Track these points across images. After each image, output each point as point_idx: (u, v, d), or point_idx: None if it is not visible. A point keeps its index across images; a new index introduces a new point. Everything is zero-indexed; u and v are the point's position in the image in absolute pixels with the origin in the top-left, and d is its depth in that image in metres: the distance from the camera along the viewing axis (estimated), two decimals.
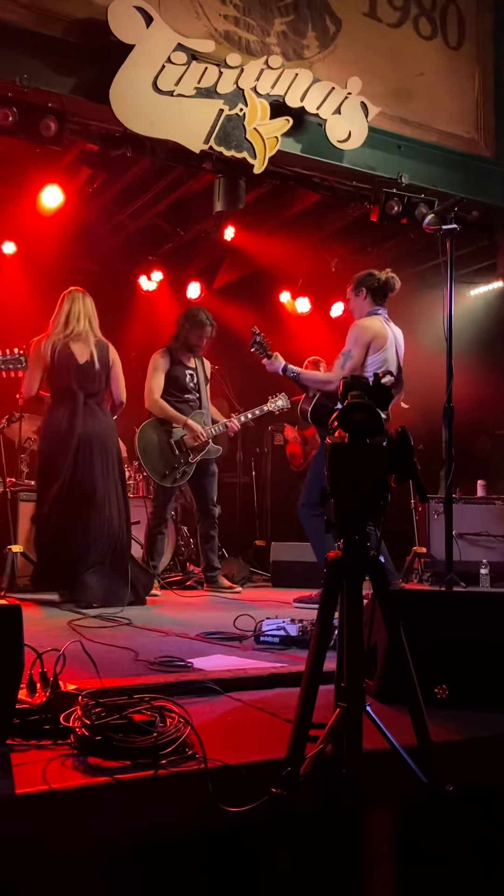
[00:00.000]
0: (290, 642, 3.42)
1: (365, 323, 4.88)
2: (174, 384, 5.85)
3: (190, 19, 5.26)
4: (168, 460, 5.74)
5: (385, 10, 6.13)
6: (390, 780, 1.94)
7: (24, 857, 1.64)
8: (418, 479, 1.85)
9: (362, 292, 4.98)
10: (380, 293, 4.96)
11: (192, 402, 5.90)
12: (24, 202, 6.87)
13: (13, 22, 4.69)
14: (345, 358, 4.81)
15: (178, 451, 5.75)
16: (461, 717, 2.35)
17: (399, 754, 1.81)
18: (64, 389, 4.97)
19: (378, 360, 4.78)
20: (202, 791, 1.78)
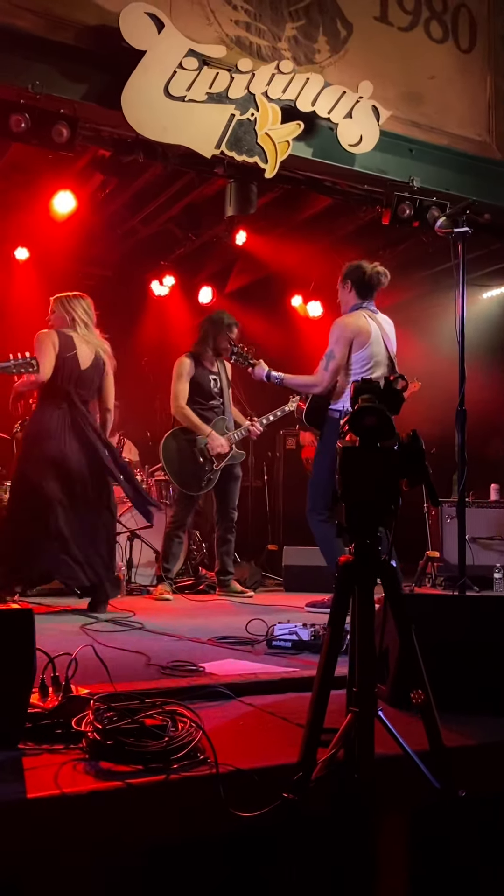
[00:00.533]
0: (302, 647, 3.41)
1: (345, 321, 4.79)
2: (199, 390, 5.86)
3: (201, 25, 5.28)
4: (193, 468, 5.76)
5: (396, 14, 6.13)
6: (403, 786, 1.93)
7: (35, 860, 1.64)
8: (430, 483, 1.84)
9: (348, 284, 4.89)
10: (365, 287, 4.84)
11: (216, 407, 5.92)
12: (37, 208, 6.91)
13: (26, 29, 4.71)
14: (328, 359, 4.73)
15: (203, 459, 5.77)
16: (475, 722, 2.34)
17: (411, 759, 1.80)
18: (59, 391, 4.84)
19: (363, 356, 4.71)
20: (214, 796, 1.78)
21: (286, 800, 1.72)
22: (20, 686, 2.00)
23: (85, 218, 7.26)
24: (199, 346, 5.93)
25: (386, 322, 4.89)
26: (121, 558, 6.22)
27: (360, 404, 1.78)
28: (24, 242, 7.91)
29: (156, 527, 6.39)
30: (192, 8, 5.24)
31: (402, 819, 2.03)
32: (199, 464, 5.76)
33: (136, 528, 6.39)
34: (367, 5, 6.01)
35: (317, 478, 4.90)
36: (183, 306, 9.14)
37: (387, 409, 1.79)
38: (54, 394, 4.82)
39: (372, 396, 1.81)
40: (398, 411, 1.83)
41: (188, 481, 5.75)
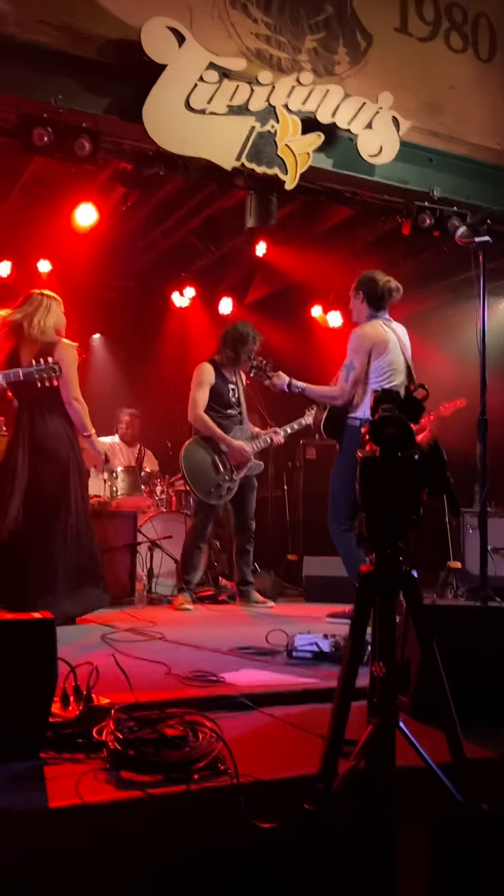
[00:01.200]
0: (323, 657, 3.40)
1: (363, 330, 4.82)
2: (218, 399, 5.87)
3: (221, 38, 5.31)
4: (213, 478, 5.76)
5: (416, 25, 6.14)
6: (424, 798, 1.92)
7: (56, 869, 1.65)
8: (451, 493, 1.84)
9: (360, 295, 4.93)
10: (377, 299, 4.88)
11: (233, 417, 5.93)
12: (60, 221, 6.97)
13: (48, 44, 4.77)
14: (347, 370, 4.75)
15: (223, 469, 5.78)
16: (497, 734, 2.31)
17: (433, 771, 1.79)
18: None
19: (382, 364, 4.72)
20: (234, 806, 1.78)
21: (307, 811, 1.71)
22: (42, 695, 2.01)
23: (107, 230, 7.32)
24: (220, 354, 5.95)
25: (400, 329, 4.91)
26: (141, 568, 6.24)
27: (381, 414, 1.78)
28: (46, 255, 7.98)
29: (176, 537, 6.41)
30: (212, 22, 5.28)
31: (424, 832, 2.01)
32: (219, 473, 5.77)
33: (157, 537, 6.41)
34: (387, 16, 6.02)
35: (337, 487, 4.89)
36: (203, 317, 9.18)
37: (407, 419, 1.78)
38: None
39: (392, 406, 1.80)
40: (418, 421, 1.82)
41: (209, 491, 5.75)
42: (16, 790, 1.77)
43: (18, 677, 1.97)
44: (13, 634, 2.04)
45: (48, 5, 4.76)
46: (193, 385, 5.86)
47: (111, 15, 4.91)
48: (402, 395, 1.85)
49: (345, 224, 7.42)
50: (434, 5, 6.19)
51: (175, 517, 6.84)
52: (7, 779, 1.83)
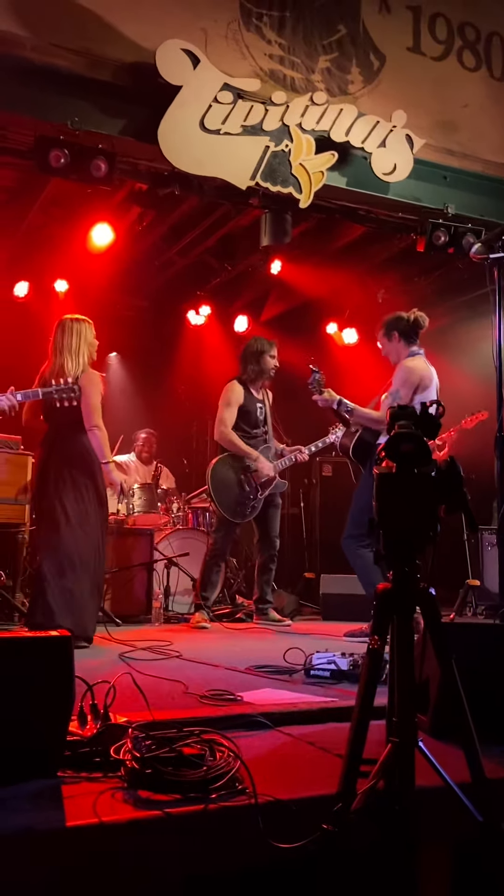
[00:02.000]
0: (341, 676, 3.38)
1: (412, 364, 4.97)
2: (246, 418, 5.88)
3: (236, 59, 5.37)
4: (238, 496, 5.78)
5: (429, 44, 6.18)
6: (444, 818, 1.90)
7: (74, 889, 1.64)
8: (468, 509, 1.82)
9: (394, 336, 5.08)
10: (411, 333, 5.06)
11: (259, 436, 5.94)
12: (76, 241, 7.04)
13: (65, 67, 4.84)
14: (393, 398, 4.89)
15: (249, 487, 5.79)
16: None
17: (453, 791, 1.77)
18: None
19: (423, 398, 4.85)
20: (252, 826, 1.76)
21: (325, 831, 1.70)
22: (59, 714, 2.01)
23: (122, 250, 7.38)
24: (245, 372, 5.96)
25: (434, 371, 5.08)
26: (158, 586, 6.23)
27: (397, 430, 1.78)
28: (63, 275, 8.05)
29: (192, 554, 6.40)
30: (226, 43, 5.34)
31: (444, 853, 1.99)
32: (244, 492, 5.79)
33: (174, 555, 6.41)
34: (400, 36, 6.07)
35: (362, 505, 4.94)
36: (219, 335, 9.21)
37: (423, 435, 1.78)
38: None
39: (408, 423, 1.80)
40: (435, 437, 1.82)
41: (234, 509, 5.77)
42: (36, 809, 1.77)
43: (37, 695, 1.97)
44: (31, 652, 2.04)
45: (64, 29, 4.83)
46: (222, 404, 5.87)
47: (127, 38, 4.98)
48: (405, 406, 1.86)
49: (359, 242, 7.44)
50: (447, 24, 6.23)
51: (191, 534, 6.84)
52: (27, 797, 1.83)
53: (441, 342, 8.17)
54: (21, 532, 5.65)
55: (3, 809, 1.76)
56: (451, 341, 8.03)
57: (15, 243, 7.47)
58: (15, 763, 1.94)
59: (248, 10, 5.41)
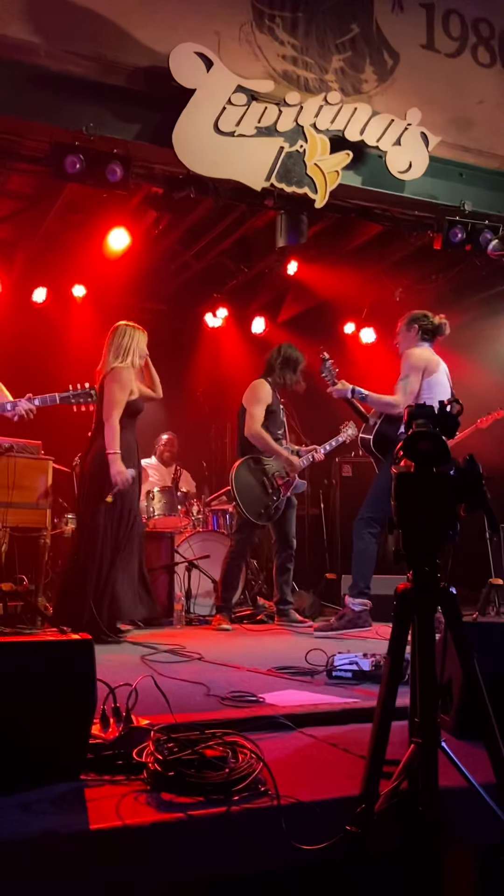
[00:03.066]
0: (363, 677, 3.37)
1: (416, 351, 5.06)
2: (272, 419, 5.89)
3: (249, 61, 5.37)
4: (262, 499, 5.79)
5: (443, 41, 6.15)
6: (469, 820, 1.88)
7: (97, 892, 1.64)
8: (489, 508, 1.81)
9: (414, 328, 5.14)
10: (430, 334, 5.14)
11: (279, 438, 5.95)
12: (93, 246, 7.07)
13: (79, 74, 4.87)
14: (405, 382, 4.98)
15: (271, 489, 5.81)
16: None
17: (478, 793, 1.75)
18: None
19: (432, 382, 4.97)
20: (275, 828, 1.76)
21: (349, 833, 1.69)
22: (82, 716, 2.01)
23: (139, 254, 7.40)
24: (274, 376, 5.96)
25: (444, 363, 5.13)
26: (179, 588, 6.24)
27: (415, 429, 1.77)
28: (80, 280, 8.09)
29: (213, 557, 6.41)
30: (239, 45, 5.34)
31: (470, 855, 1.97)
32: (267, 494, 5.80)
33: (194, 558, 6.42)
34: (414, 34, 6.05)
35: (378, 492, 5.01)
36: (236, 337, 9.22)
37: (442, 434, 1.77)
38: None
39: (427, 421, 1.79)
40: (453, 436, 1.81)
41: (258, 511, 5.78)
42: (60, 812, 1.77)
43: (59, 698, 1.98)
44: (53, 655, 2.05)
45: (78, 36, 4.86)
46: (251, 401, 5.87)
47: (140, 43, 5.00)
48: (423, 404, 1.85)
49: (376, 240, 7.42)
50: (460, 21, 6.21)
51: (212, 537, 6.84)
52: (51, 801, 1.84)
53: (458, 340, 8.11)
54: (42, 536, 5.68)
55: (28, 812, 1.77)
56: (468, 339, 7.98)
57: (33, 249, 7.52)
58: (39, 766, 1.95)
59: (260, 12, 5.41)
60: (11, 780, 1.90)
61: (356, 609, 5.06)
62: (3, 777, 1.90)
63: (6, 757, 1.92)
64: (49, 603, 5.77)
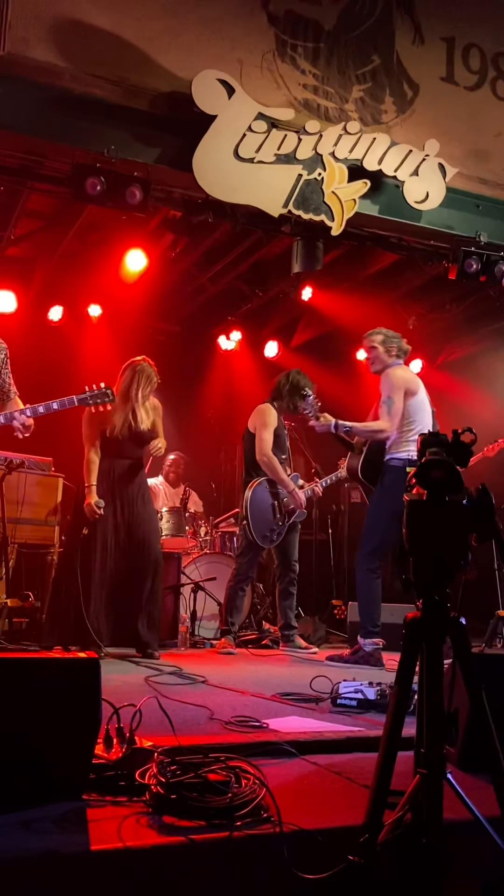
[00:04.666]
0: (368, 706, 3.34)
1: (397, 371, 5.18)
2: (278, 443, 5.92)
3: (270, 89, 5.44)
4: (269, 522, 5.83)
5: (462, 74, 6.22)
6: (473, 853, 1.86)
7: None
8: (500, 538, 1.81)
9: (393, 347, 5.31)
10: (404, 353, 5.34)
11: (283, 461, 5.96)
12: (110, 267, 7.13)
13: (103, 97, 4.93)
14: (387, 405, 5.05)
15: (279, 514, 5.83)
16: None
17: (482, 825, 1.74)
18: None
19: (415, 402, 5.08)
20: (277, 855, 1.74)
21: (351, 862, 1.67)
22: (85, 736, 2.00)
23: (155, 276, 7.47)
24: (279, 401, 5.99)
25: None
26: (184, 610, 6.23)
27: (428, 457, 1.77)
28: (96, 299, 8.16)
29: (219, 579, 6.40)
30: (261, 73, 5.41)
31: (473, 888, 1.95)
32: (275, 518, 5.82)
33: (200, 579, 6.40)
34: (433, 66, 6.11)
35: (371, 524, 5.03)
36: (249, 360, 9.26)
37: (455, 463, 1.77)
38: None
39: (440, 450, 1.79)
40: (466, 464, 1.81)
41: (264, 534, 5.80)
42: (61, 832, 1.76)
43: (63, 717, 1.97)
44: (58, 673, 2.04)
45: (103, 61, 4.93)
46: (259, 425, 5.90)
47: (163, 69, 5.07)
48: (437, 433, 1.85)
49: (391, 269, 7.46)
50: (480, 55, 6.27)
51: (219, 559, 6.84)
52: (52, 820, 1.82)
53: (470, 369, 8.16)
54: (50, 553, 5.68)
55: (29, 832, 1.76)
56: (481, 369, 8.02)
57: (51, 268, 7.59)
58: (41, 785, 1.94)
59: (282, 41, 5.48)
60: (13, 798, 1.89)
61: (367, 649, 5.01)
62: (4, 795, 1.89)
63: (8, 774, 1.91)
64: None
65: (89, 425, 5.14)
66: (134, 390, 5.20)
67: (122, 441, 5.14)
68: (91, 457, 5.12)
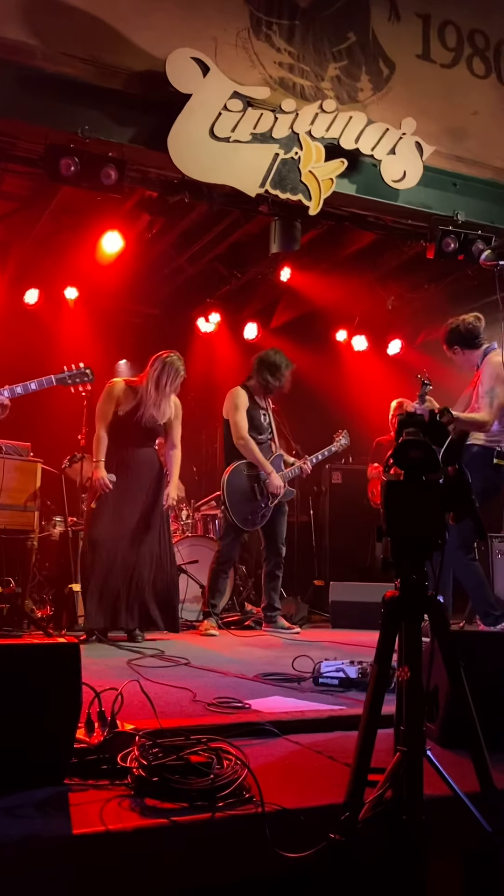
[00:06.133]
0: (350, 684, 3.36)
1: (496, 359, 4.89)
2: (252, 424, 5.89)
3: (245, 68, 5.39)
4: (251, 504, 5.81)
5: (438, 52, 6.19)
6: (453, 829, 1.88)
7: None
8: (477, 517, 1.82)
9: (456, 350, 5.01)
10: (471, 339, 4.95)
11: (264, 442, 5.95)
12: (86, 249, 7.06)
13: (75, 76, 4.87)
14: (490, 396, 4.80)
15: (261, 496, 5.82)
16: None
17: (462, 801, 1.75)
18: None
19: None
20: (260, 835, 1.75)
21: (333, 841, 1.68)
22: (67, 721, 2.00)
23: (132, 257, 7.40)
24: (254, 381, 5.96)
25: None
26: None
27: (405, 438, 1.77)
28: (73, 282, 8.08)
29: (201, 562, 6.40)
30: (236, 52, 5.36)
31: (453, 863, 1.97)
32: (257, 500, 5.81)
33: (183, 562, 6.40)
34: (410, 44, 6.08)
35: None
36: (229, 342, 9.22)
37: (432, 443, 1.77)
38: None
39: (417, 430, 1.79)
40: (443, 444, 1.81)
41: (245, 517, 5.78)
42: (43, 816, 1.76)
43: (45, 702, 1.97)
44: (39, 658, 2.04)
45: (75, 39, 4.86)
46: (230, 409, 5.88)
47: (137, 47, 5.01)
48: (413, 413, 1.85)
49: (369, 249, 7.44)
50: (456, 32, 6.24)
51: (201, 542, 6.83)
52: (34, 804, 1.82)
53: None
54: (30, 539, 5.66)
55: (10, 816, 1.75)
56: None
57: (26, 251, 7.50)
58: (23, 770, 1.94)
59: (257, 19, 5.43)
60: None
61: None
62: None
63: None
64: (35, 606, 5.74)
65: (107, 402, 5.16)
66: (164, 381, 5.21)
67: (137, 429, 5.17)
68: (101, 434, 5.11)
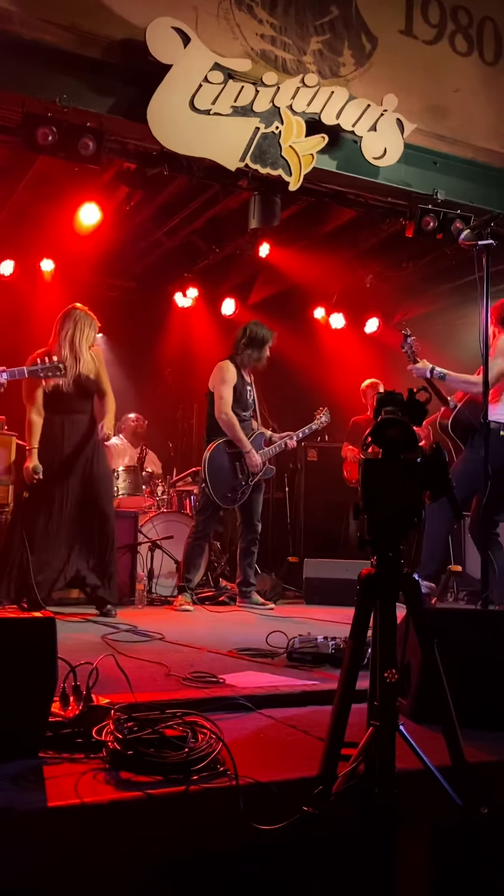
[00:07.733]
0: (323, 660, 3.39)
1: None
2: (237, 399, 5.85)
3: (227, 39, 5.32)
4: (231, 482, 5.80)
5: (421, 28, 6.14)
6: (424, 802, 1.91)
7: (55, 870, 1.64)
8: (453, 496, 1.83)
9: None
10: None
11: (247, 419, 5.92)
12: (63, 220, 6.97)
13: (53, 43, 4.78)
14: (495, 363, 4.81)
15: (241, 474, 5.80)
16: (497, 739, 2.31)
17: (433, 775, 1.78)
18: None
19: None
20: (233, 808, 1.77)
21: (306, 813, 1.71)
22: (42, 695, 2.00)
23: (110, 230, 7.32)
24: (240, 355, 5.92)
25: None
26: (142, 569, 6.23)
27: (384, 416, 1.78)
28: (49, 254, 7.98)
29: (176, 538, 6.41)
30: (217, 22, 5.29)
31: (424, 835, 2.01)
32: (237, 479, 5.80)
33: (157, 538, 6.41)
34: (393, 19, 6.03)
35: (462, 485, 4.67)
36: (206, 318, 9.18)
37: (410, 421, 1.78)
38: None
39: (395, 409, 1.80)
40: (421, 423, 1.82)
41: (226, 495, 5.77)
42: (18, 789, 1.77)
43: (19, 676, 1.97)
44: (13, 633, 2.03)
45: (54, 5, 4.77)
46: (217, 382, 5.82)
47: (116, 15, 4.92)
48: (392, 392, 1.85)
49: (348, 226, 7.42)
50: (439, 8, 6.20)
51: (176, 518, 6.84)
52: (9, 778, 1.83)
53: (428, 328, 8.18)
54: (4, 512, 5.63)
55: None
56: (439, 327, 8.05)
57: (1, 221, 7.39)
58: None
59: None
60: None
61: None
62: None
63: None
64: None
65: (27, 384, 4.93)
66: (77, 336, 5.01)
67: (68, 394, 4.97)
68: (32, 418, 4.95)
